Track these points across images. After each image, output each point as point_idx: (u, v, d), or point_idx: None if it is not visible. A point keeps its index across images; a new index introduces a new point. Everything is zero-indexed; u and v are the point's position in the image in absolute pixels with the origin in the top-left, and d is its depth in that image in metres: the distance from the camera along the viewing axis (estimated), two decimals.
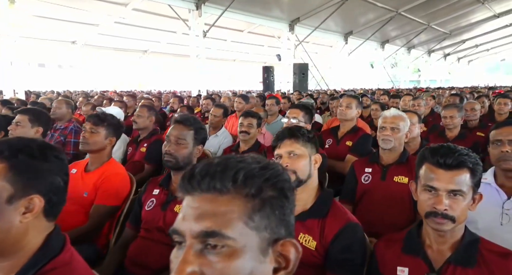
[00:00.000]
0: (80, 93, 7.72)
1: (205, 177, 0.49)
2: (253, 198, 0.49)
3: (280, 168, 0.54)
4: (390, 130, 1.87)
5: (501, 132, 1.53)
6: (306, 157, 1.28)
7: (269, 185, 0.51)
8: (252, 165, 0.51)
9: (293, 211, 0.55)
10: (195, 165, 0.52)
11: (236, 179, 0.49)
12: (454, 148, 1.04)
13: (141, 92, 13.29)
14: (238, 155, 0.54)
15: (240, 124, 2.43)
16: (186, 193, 0.51)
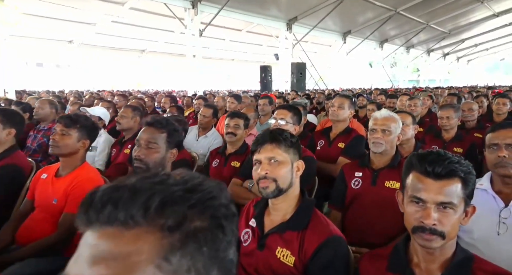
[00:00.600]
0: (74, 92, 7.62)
1: (106, 205, 0.38)
2: (171, 232, 0.37)
3: (215, 188, 0.43)
4: (381, 132, 1.77)
5: (497, 135, 1.43)
6: (288, 164, 1.18)
7: (195, 213, 0.39)
8: (173, 187, 0.39)
9: (233, 243, 0.42)
10: (98, 188, 0.41)
11: (149, 207, 0.37)
12: (444, 154, 0.94)
13: (137, 91, 13.18)
14: (164, 173, 0.42)
15: (226, 125, 2.33)
16: (84, 226, 0.39)
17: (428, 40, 20.24)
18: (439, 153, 0.95)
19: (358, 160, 1.88)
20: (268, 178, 1.15)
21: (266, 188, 1.14)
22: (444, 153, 0.95)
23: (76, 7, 12.09)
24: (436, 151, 0.97)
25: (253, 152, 1.20)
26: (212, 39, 16.47)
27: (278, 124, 2.01)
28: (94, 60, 23.04)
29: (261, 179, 1.15)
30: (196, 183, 0.41)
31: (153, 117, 1.41)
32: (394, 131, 1.78)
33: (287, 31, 12.97)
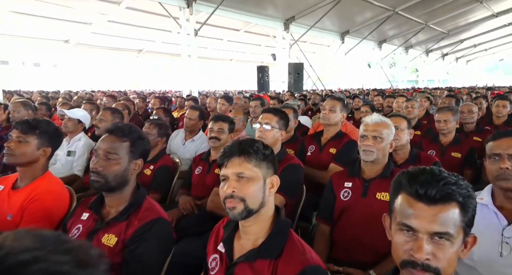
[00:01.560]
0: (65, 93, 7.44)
1: None
2: None
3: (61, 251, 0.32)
4: (372, 139, 1.63)
5: (499, 144, 1.29)
6: (259, 180, 1.03)
7: None
8: None
9: None
10: None
11: None
12: (439, 174, 0.80)
13: (132, 92, 13.03)
14: None
15: (209, 130, 2.19)
16: None
17: (427, 40, 20.13)
18: (433, 172, 0.80)
19: (348, 169, 1.74)
20: (235, 197, 1.00)
21: (233, 209, 1.00)
22: (439, 172, 0.80)
23: (71, 7, 11.95)
24: (430, 169, 0.82)
25: (220, 166, 1.06)
26: (209, 39, 16.34)
27: (263, 129, 1.87)
28: (91, 60, 22.90)
29: (227, 198, 1.01)
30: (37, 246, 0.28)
31: (114, 124, 1.26)
32: (386, 137, 1.64)
33: (284, 31, 12.83)
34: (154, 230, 1.15)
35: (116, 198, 1.23)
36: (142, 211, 1.20)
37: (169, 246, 1.25)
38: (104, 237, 1.17)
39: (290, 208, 1.86)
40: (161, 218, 1.20)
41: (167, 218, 1.24)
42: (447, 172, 0.81)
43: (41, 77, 21.81)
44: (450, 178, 0.78)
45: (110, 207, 1.25)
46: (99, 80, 23.25)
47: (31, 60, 22.09)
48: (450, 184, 0.77)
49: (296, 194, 1.81)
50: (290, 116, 2.72)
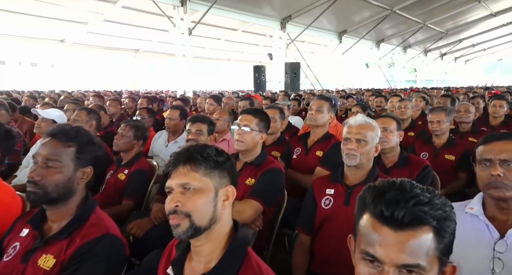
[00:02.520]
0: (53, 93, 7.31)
1: None
2: None
3: None
4: (356, 142, 1.50)
5: (490, 148, 1.16)
6: (209, 192, 0.90)
7: None
8: None
9: None
10: None
11: None
12: (409, 190, 0.66)
13: (127, 91, 12.91)
14: None
15: (187, 131, 2.07)
16: None
17: (425, 40, 20.03)
18: (402, 188, 0.67)
19: (330, 174, 1.61)
20: (179, 212, 0.86)
21: (176, 227, 0.86)
22: (410, 188, 0.67)
23: (66, 6, 11.84)
24: (399, 184, 0.68)
25: (165, 176, 0.93)
26: (207, 39, 16.24)
27: (242, 131, 1.75)
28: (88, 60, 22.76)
29: (170, 213, 0.87)
30: None
31: (58, 126, 1.12)
32: (370, 140, 1.52)
33: (280, 30, 12.71)
34: (98, 250, 1.00)
35: (59, 211, 1.08)
36: (86, 227, 1.06)
37: (118, 269, 1.09)
38: (41, 258, 1.01)
39: (269, 216, 1.74)
40: (107, 235, 1.05)
41: (118, 234, 1.10)
42: (420, 187, 0.68)
43: (38, 77, 21.66)
44: (422, 196, 0.65)
45: (52, 222, 1.09)
46: (97, 80, 23.12)
47: (28, 60, 21.95)
48: (422, 204, 0.64)
49: (274, 200, 1.69)
50: (276, 116, 2.61)
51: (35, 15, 12.31)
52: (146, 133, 2.14)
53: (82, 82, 21.47)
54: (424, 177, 1.92)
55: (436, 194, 0.67)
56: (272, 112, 2.57)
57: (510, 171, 1.11)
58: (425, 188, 0.68)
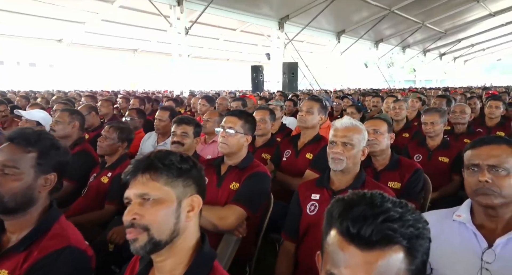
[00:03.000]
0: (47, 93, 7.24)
1: None
2: None
3: None
4: (342, 146, 1.45)
5: (478, 153, 1.11)
6: (171, 203, 0.84)
7: None
8: None
9: None
10: None
11: None
12: (379, 204, 0.60)
13: (124, 91, 12.85)
14: None
15: (172, 133, 2.01)
16: None
17: (424, 40, 20.00)
18: (372, 202, 0.60)
19: (316, 179, 1.56)
20: (136, 226, 0.79)
21: (134, 241, 0.79)
22: (381, 202, 0.60)
23: (63, 5, 11.79)
24: (370, 197, 0.62)
25: (125, 185, 0.87)
26: (206, 39, 16.20)
27: (226, 133, 1.69)
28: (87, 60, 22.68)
29: (127, 227, 0.80)
30: None
31: (18, 130, 1.05)
32: (357, 144, 1.46)
33: (278, 30, 12.66)
34: (57, 264, 0.92)
35: (18, 222, 1.01)
36: (46, 239, 0.97)
37: None
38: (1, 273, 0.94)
39: (254, 221, 1.69)
40: (69, 247, 0.97)
41: (82, 245, 1.02)
42: (392, 200, 0.62)
43: (37, 77, 21.59)
44: (393, 211, 0.58)
45: (11, 233, 1.01)
46: (95, 80, 23.03)
47: (27, 60, 21.88)
48: (392, 221, 0.57)
49: (259, 206, 1.63)
50: (266, 118, 2.56)
51: (32, 15, 12.27)
52: (131, 135, 2.09)
53: (81, 82, 21.38)
54: (415, 181, 1.87)
55: (409, 208, 0.61)
56: (262, 113, 2.52)
57: (499, 177, 1.06)
58: (398, 202, 0.62)
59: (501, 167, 1.06)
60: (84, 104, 3.64)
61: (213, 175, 1.70)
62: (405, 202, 0.62)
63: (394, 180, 1.90)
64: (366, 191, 0.64)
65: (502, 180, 1.06)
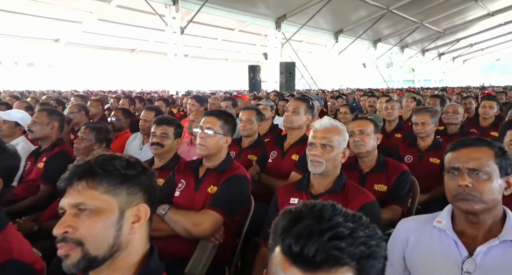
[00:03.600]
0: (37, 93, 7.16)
1: None
2: None
3: None
4: (321, 147, 1.39)
5: (458, 156, 1.05)
6: (111, 213, 0.75)
7: None
8: None
9: None
10: None
11: None
12: (328, 218, 0.53)
13: (121, 91, 12.78)
14: None
15: (152, 134, 1.94)
16: None
17: (423, 39, 19.95)
18: (321, 216, 0.53)
19: (296, 182, 1.50)
20: (68, 240, 0.71)
21: (65, 258, 0.71)
22: (331, 215, 0.53)
23: (60, 5, 11.74)
24: (319, 209, 0.55)
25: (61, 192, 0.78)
26: (204, 38, 16.14)
27: (204, 134, 1.63)
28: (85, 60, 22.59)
29: (58, 242, 0.71)
30: None
31: None
32: (337, 145, 1.40)
33: (276, 30, 12.60)
34: None
35: None
36: None
37: None
38: None
39: (233, 225, 1.62)
40: (12, 261, 0.90)
41: (26, 258, 0.95)
42: (345, 213, 0.55)
43: (35, 77, 21.52)
44: (343, 227, 0.51)
45: None
46: (93, 80, 22.95)
47: (25, 60, 21.81)
48: (339, 238, 0.50)
49: (237, 210, 1.57)
50: (253, 118, 2.49)
51: (28, 14, 12.21)
52: (109, 135, 2.02)
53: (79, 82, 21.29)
54: (402, 183, 1.81)
55: (363, 223, 0.54)
56: (248, 113, 2.45)
57: (480, 181, 1.00)
58: (350, 215, 0.55)
59: (482, 171, 1.00)
60: (74, 104, 3.58)
61: (191, 178, 1.64)
62: (359, 215, 0.55)
63: (381, 182, 1.84)
64: (318, 202, 0.57)
65: (483, 185, 1.00)
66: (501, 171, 1.01)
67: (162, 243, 1.53)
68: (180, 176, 1.66)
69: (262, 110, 2.92)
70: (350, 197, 1.35)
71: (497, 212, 1.03)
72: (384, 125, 3.42)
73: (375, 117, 2.79)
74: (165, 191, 1.65)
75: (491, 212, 1.02)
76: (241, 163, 2.38)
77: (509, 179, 1.03)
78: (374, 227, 0.54)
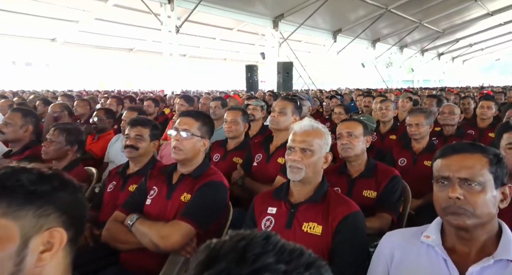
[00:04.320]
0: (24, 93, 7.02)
1: None
2: None
3: None
4: (300, 152, 1.27)
5: (448, 163, 0.93)
6: (9, 242, 0.59)
7: None
8: None
9: None
10: None
11: None
12: (254, 257, 0.40)
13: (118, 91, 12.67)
14: None
15: (126, 136, 1.82)
16: None
17: (422, 39, 19.83)
18: (245, 253, 0.40)
19: (274, 190, 1.38)
20: None
21: None
22: (260, 252, 0.40)
23: (56, 4, 11.62)
24: (244, 245, 0.41)
25: None
26: (202, 38, 16.03)
27: (180, 137, 1.51)
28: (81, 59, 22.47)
29: None
30: None
31: None
32: (318, 150, 1.28)
33: (273, 29, 12.47)
34: None
35: None
36: None
37: None
38: None
39: (209, 236, 1.50)
40: None
41: None
42: (280, 249, 0.42)
43: (33, 76, 21.41)
44: (270, 272, 0.39)
45: None
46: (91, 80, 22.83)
47: (22, 59, 21.71)
48: None
49: (211, 221, 1.44)
50: (238, 119, 2.37)
51: (24, 13, 12.10)
52: (80, 137, 1.89)
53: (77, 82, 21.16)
54: (392, 189, 1.69)
55: (304, 262, 0.41)
56: (233, 114, 2.33)
57: (472, 193, 0.88)
58: (287, 252, 0.42)
59: (475, 181, 0.88)
60: (56, 103, 3.46)
61: (164, 184, 1.52)
62: (300, 252, 0.42)
63: (370, 188, 1.72)
64: (248, 232, 0.44)
65: (476, 197, 0.88)
66: (496, 181, 0.89)
67: (130, 257, 1.43)
68: (153, 183, 1.54)
69: (252, 111, 2.81)
70: (332, 207, 1.23)
71: (491, 227, 0.91)
72: (378, 126, 3.31)
73: (367, 118, 2.67)
74: (135, 199, 1.53)
75: (485, 227, 0.90)
76: (225, 166, 2.28)
77: (505, 189, 0.91)
78: (320, 267, 0.42)
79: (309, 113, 2.88)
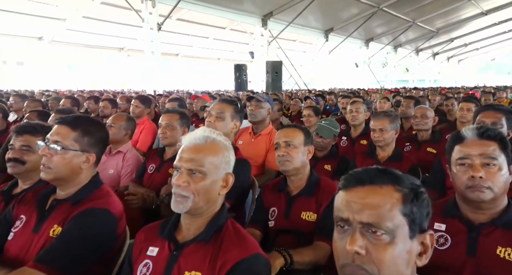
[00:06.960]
0: None
1: None
2: None
3: None
4: (187, 174, 0.94)
5: (349, 200, 0.65)
6: None
7: None
8: None
9: None
10: None
11: None
12: None
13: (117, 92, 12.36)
14: None
15: (9, 147, 1.49)
16: None
17: (416, 39, 19.59)
18: None
19: (160, 224, 1.05)
20: None
21: None
22: None
23: (42, 2, 11.30)
24: None
25: None
26: (194, 37, 15.73)
27: (49, 150, 1.16)
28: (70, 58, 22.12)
29: None
30: None
31: None
32: (211, 171, 0.94)
33: (262, 28, 12.17)
34: None
35: None
36: None
37: None
38: None
39: None
40: None
41: None
42: None
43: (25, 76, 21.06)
44: None
45: None
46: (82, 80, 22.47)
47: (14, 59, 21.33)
48: None
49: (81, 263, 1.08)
50: (174, 123, 2.06)
51: (9, 11, 11.75)
52: None
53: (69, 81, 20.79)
54: None
55: None
56: (168, 117, 2.02)
57: (378, 245, 0.59)
58: None
59: (381, 228, 0.60)
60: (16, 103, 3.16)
61: (34, 213, 1.18)
62: None
63: (309, 209, 1.42)
64: None
65: (382, 252, 0.59)
66: (412, 227, 0.61)
67: None
68: (22, 210, 1.20)
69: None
70: (224, 249, 0.92)
71: None
72: (349, 130, 3.02)
73: (329, 121, 2.38)
74: None
75: None
76: (160, 178, 1.97)
77: (426, 238, 0.63)
78: None
79: (269, 116, 2.57)
